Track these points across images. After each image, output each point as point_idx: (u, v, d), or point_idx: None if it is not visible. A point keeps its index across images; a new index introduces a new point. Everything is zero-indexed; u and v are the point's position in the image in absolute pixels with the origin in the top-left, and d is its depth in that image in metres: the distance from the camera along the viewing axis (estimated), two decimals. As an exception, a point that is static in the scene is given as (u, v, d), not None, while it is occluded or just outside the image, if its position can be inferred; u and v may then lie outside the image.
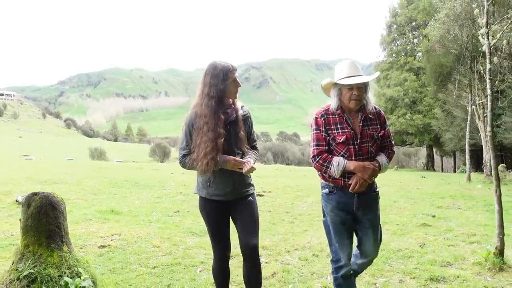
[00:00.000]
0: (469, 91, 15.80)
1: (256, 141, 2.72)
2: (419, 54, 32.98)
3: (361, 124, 2.47)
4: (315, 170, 2.56)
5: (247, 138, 2.59)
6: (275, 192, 9.20)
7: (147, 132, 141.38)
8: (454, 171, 33.21)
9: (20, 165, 14.36)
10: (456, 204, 7.92)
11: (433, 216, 6.45)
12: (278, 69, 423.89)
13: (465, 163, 17.50)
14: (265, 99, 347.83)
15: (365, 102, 2.51)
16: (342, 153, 2.45)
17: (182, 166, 2.54)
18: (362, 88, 2.44)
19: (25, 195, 6.86)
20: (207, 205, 2.56)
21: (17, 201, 6.70)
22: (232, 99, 2.53)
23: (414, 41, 35.13)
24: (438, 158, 41.30)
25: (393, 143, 2.66)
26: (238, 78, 2.49)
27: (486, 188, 11.42)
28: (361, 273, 3.58)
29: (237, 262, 3.63)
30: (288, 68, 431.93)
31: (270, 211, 7.05)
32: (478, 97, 15.00)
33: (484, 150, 16.24)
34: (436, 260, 3.94)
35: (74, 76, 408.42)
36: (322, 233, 5.16)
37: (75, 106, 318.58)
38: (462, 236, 5.03)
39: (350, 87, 2.42)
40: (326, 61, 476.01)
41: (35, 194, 2.91)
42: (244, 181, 2.55)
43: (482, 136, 16.30)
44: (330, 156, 2.46)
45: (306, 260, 4.04)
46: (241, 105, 2.59)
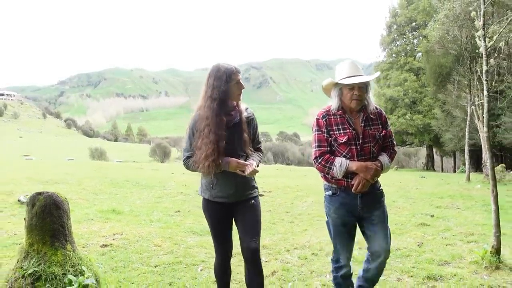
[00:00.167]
0: (469, 92, 15.86)
1: (261, 144, 2.71)
2: (419, 55, 32.97)
3: (363, 124, 2.47)
4: (317, 171, 2.55)
5: (252, 141, 2.57)
6: (275, 192, 9.25)
7: (147, 132, 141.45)
8: (454, 171, 33.22)
9: (21, 165, 14.40)
10: (455, 204, 7.97)
11: (432, 216, 6.50)
12: (278, 69, 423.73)
13: (465, 163, 17.54)
14: (265, 99, 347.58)
15: (366, 102, 2.50)
16: (344, 154, 2.45)
17: (186, 168, 2.55)
18: (363, 88, 2.44)
19: (27, 195, 6.91)
20: (210, 207, 2.56)
21: (19, 201, 6.75)
22: (236, 101, 2.52)
23: (414, 42, 35.13)
24: (438, 158, 41.32)
25: (395, 143, 2.66)
26: (242, 80, 2.48)
27: (485, 188, 11.45)
28: (360, 272, 3.63)
29: (237, 261, 3.68)
30: (288, 68, 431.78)
31: (270, 211, 7.10)
32: (477, 98, 15.03)
33: (484, 150, 16.29)
34: (434, 259, 3.99)
35: (74, 76, 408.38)
36: (322, 233, 5.23)
37: (75, 106, 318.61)
38: (460, 236, 5.09)
39: (351, 87, 2.41)
40: (326, 61, 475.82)
41: (40, 194, 2.95)
42: (248, 184, 2.54)
43: (482, 136, 16.34)
44: (332, 157, 2.45)
45: (306, 259, 4.09)
46: (246, 107, 2.58)
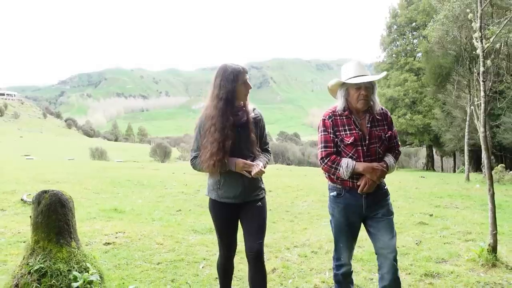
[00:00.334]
0: (468, 92, 15.90)
1: (269, 144, 2.70)
2: (419, 55, 33.01)
3: (369, 125, 2.47)
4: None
5: (259, 141, 2.57)
6: (276, 192, 9.31)
7: (148, 132, 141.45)
8: (454, 171, 33.29)
9: (22, 165, 14.46)
10: (454, 204, 8.03)
11: (431, 215, 6.56)
12: (279, 69, 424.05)
13: (465, 163, 17.59)
14: (266, 99, 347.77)
15: (372, 103, 2.49)
16: (350, 155, 2.44)
17: (193, 168, 2.56)
18: (370, 88, 2.44)
19: (30, 194, 6.97)
20: (217, 207, 2.57)
21: (22, 200, 6.82)
22: (243, 102, 2.51)
23: (414, 42, 35.19)
24: (438, 158, 41.37)
25: (399, 144, 2.67)
26: (249, 80, 2.49)
27: (485, 188, 11.39)
28: (358, 269, 3.71)
29: (239, 259, 3.74)
30: (289, 68, 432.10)
31: (271, 210, 7.16)
32: (477, 98, 15.07)
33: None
34: (432, 257, 4.05)
35: (75, 76, 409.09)
36: (321, 231, 5.30)
37: (76, 106, 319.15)
38: (458, 234, 5.15)
39: (358, 87, 2.42)
40: (327, 61, 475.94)
41: (45, 192, 3.01)
42: (255, 185, 2.53)
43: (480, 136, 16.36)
44: (339, 158, 2.45)
45: (305, 257, 4.15)
46: (253, 108, 2.57)
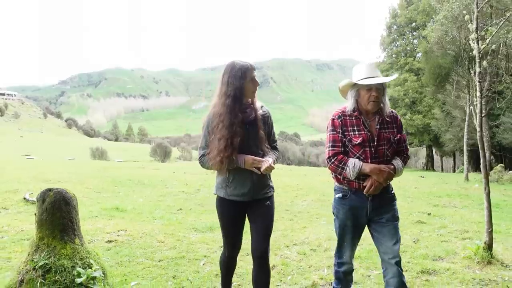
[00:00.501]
0: (467, 92, 15.98)
1: (277, 142, 2.71)
2: (419, 55, 33.06)
3: (378, 127, 2.46)
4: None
5: (268, 138, 2.58)
6: (276, 191, 9.25)
7: (148, 132, 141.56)
8: (454, 171, 33.36)
9: (23, 165, 14.54)
10: (452, 203, 8.10)
11: (429, 214, 6.63)
12: (279, 69, 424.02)
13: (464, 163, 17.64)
14: (266, 99, 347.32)
15: (383, 105, 2.48)
16: (358, 155, 2.43)
17: (202, 166, 2.55)
18: (381, 90, 2.44)
19: (32, 193, 7.03)
20: (224, 205, 2.55)
21: (25, 199, 6.89)
22: (251, 99, 2.51)
23: (414, 42, 35.26)
24: (438, 158, 41.46)
25: (408, 148, 2.64)
26: (257, 77, 2.48)
27: (483, 188, 11.57)
28: (356, 266, 3.77)
29: (240, 256, 3.79)
30: (289, 68, 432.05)
31: (270, 209, 7.22)
32: (476, 98, 15.14)
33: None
34: (429, 255, 4.13)
35: (75, 76, 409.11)
36: (320, 230, 5.36)
37: (76, 106, 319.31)
38: (455, 233, 5.22)
39: (369, 88, 2.42)
40: (327, 61, 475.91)
41: (50, 190, 3.07)
42: (263, 182, 2.51)
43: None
44: (346, 158, 2.44)
45: (304, 254, 4.21)
46: (261, 105, 2.58)
